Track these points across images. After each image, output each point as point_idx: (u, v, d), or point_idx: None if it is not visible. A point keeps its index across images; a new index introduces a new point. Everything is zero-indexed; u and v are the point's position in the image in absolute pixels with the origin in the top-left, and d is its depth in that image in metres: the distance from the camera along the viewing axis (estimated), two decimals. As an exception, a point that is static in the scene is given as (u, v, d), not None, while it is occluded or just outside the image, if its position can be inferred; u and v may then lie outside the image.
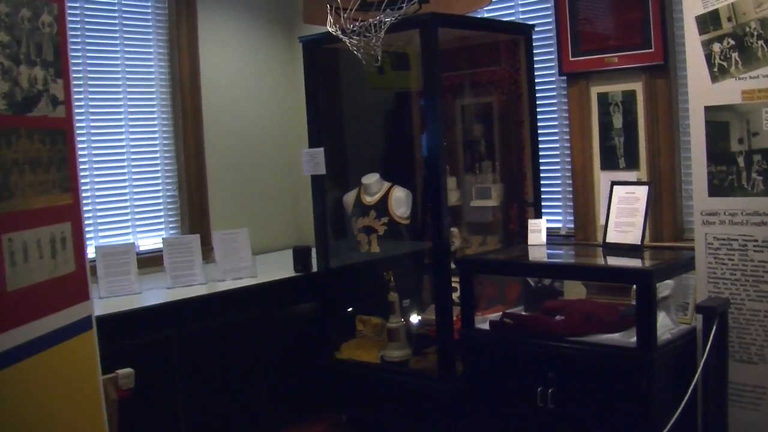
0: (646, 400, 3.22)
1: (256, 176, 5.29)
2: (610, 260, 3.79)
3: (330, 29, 3.76)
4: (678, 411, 3.07)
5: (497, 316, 3.87)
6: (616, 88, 4.16)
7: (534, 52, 4.39)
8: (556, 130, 4.44)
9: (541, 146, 4.42)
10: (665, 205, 4.04)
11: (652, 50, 3.97)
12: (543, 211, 4.42)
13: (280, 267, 4.62)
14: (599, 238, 4.04)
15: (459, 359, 3.94)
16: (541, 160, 4.42)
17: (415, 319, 4.38)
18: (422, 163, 4.54)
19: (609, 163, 4.20)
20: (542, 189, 4.43)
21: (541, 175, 4.43)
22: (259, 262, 4.62)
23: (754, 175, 3.26)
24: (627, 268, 3.63)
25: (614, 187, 3.91)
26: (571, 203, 4.37)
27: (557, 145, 4.44)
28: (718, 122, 3.34)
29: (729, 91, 3.29)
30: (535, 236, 4.11)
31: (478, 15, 4.50)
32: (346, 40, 3.72)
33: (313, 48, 4.42)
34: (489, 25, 4.42)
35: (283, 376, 4.40)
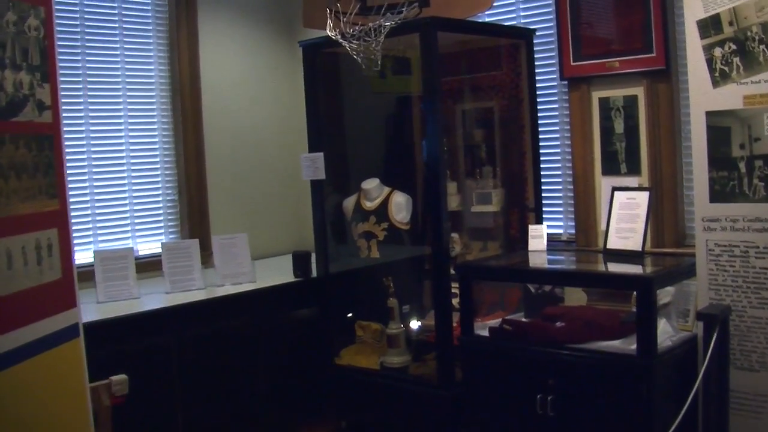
0: (647, 407, 3.19)
1: (257, 181, 5.27)
2: (610, 267, 3.76)
3: (330, 33, 3.74)
4: (678, 418, 3.04)
5: (497, 322, 3.84)
6: (617, 92, 4.12)
7: (535, 56, 4.36)
8: (557, 135, 4.41)
9: (542, 151, 4.39)
10: (667, 211, 4.01)
11: (654, 55, 3.94)
12: (544, 216, 4.39)
13: (279, 272, 4.60)
14: (600, 243, 4.01)
15: (459, 366, 3.91)
16: (542, 165, 4.39)
17: (415, 325, 4.35)
18: (423, 168, 4.51)
19: (610, 168, 4.17)
20: (543, 194, 4.40)
21: (542, 180, 4.39)
22: (259, 267, 4.59)
23: (756, 181, 3.22)
24: (627, 274, 3.60)
25: (615, 192, 3.88)
26: (572, 209, 4.34)
27: (558, 150, 4.41)
28: (719, 127, 3.30)
29: (730, 96, 3.26)
30: (535, 242, 4.08)
31: (479, 19, 4.47)
32: (346, 44, 3.71)
33: (313, 52, 4.39)
34: (489, 29, 4.40)
35: (282, 381, 4.38)
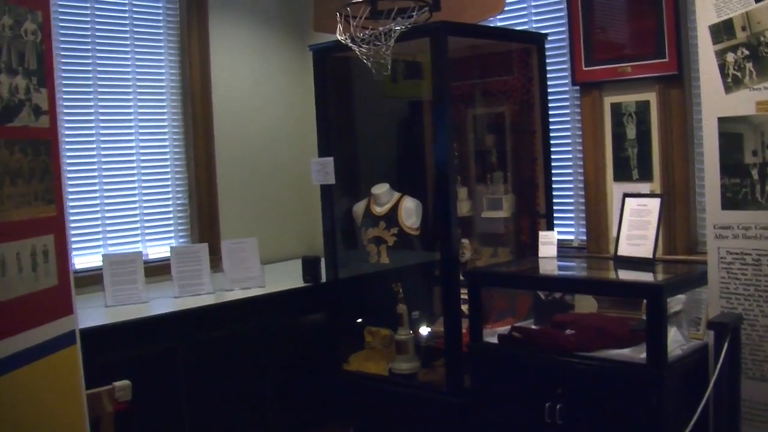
0: (656, 417, 3.15)
1: (267, 185, 5.26)
2: (620, 274, 3.73)
3: (340, 38, 3.72)
4: (689, 428, 3.00)
5: (506, 329, 3.81)
6: (629, 98, 4.09)
7: (547, 61, 4.33)
8: (568, 140, 4.38)
9: (553, 157, 4.36)
10: (679, 218, 3.97)
11: (666, 60, 3.90)
12: (555, 222, 4.35)
13: (289, 277, 4.58)
14: (612, 250, 3.97)
15: (468, 373, 3.88)
16: (553, 171, 4.35)
17: (424, 331, 4.32)
18: (433, 173, 4.49)
19: (622, 174, 4.13)
20: (554, 200, 4.36)
21: (554, 186, 4.36)
22: (268, 271, 4.59)
23: (769, 188, 3.19)
24: (637, 282, 3.56)
25: (626, 199, 3.84)
26: (584, 215, 4.30)
27: (570, 156, 4.38)
28: (731, 134, 3.27)
29: (743, 102, 3.22)
30: (546, 248, 4.04)
31: (491, 23, 4.45)
32: (356, 48, 3.69)
33: (324, 56, 4.38)
34: (501, 34, 4.36)
35: (290, 387, 4.36)
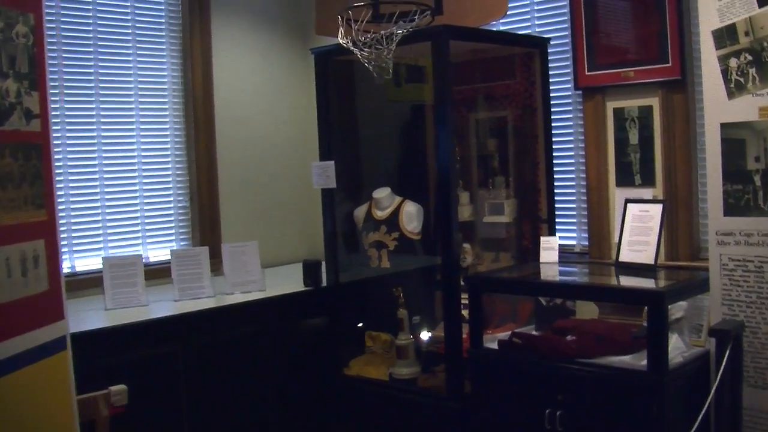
0: (657, 424, 3.12)
1: (269, 188, 5.25)
2: (622, 280, 3.70)
3: (341, 41, 3.71)
4: (689, 437, 2.98)
5: (507, 335, 3.79)
6: (632, 103, 4.07)
7: (549, 65, 4.31)
8: (571, 145, 4.35)
9: (555, 161, 4.33)
10: (681, 223, 3.94)
11: (670, 65, 3.88)
12: (557, 227, 4.33)
13: (289, 281, 4.56)
14: (614, 255, 3.95)
15: (468, 378, 3.86)
16: (555, 176, 4.33)
17: (425, 336, 4.31)
18: (435, 178, 4.47)
19: (624, 179, 4.11)
20: (556, 205, 4.34)
21: (556, 191, 4.33)
22: (270, 275, 4.57)
23: (771, 195, 3.16)
24: (638, 288, 3.53)
25: (628, 205, 3.82)
26: (586, 220, 4.28)
27: (572, 161, 4.35)
28: (734, 140, 3.24)
29: (746, 108, 3.20)
30: (547, 254, 4.02)
31: (494, 27, 4.43)
32: (357, 52, 3.67)
33: (325, 59, 4.37)
34: (503, 38, 4.35)
35: (290, 391, 4.34)
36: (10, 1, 1.79)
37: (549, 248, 4.03)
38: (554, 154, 4.33)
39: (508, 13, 4.19)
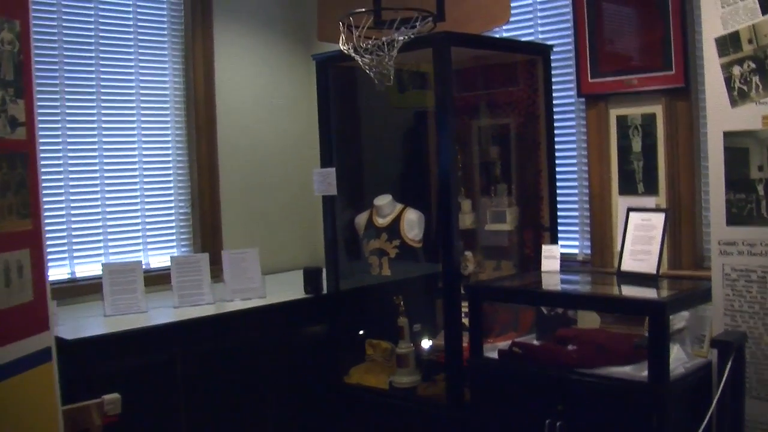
0: (657, 436, 3.09)
1: (270, 194, 5.23)
2: (623, 290, 3.66)
3: (342, 47, 3.69)
4: (689, 449, 2.94)
5: (507, 344, 3.76)
6: (635, 110, 4.03)
7: (552, 72, 4.28)
8: (573, 153, 4.32)
9: (558, 169, 4.29)
10: (684, 232, 3.90)
11: (673, 72, 3.85)
12: (559, 235, 4.29)
13: (290, 288, 4.54)
14: (616, 264, 3.91)
15: (468, 387, 3.83)
16: (558, 184, 4.29)
17: (426, 344, 4.27)
18: (437, 185, 4.44)
19: (627, 187, 4.08)
20: (559, 213, 4.30)
21: (558, 198, 4.30)
22: (270, 282, 4.55)
23: (775, 205, 3.12)
24: (639, 299, 3.49)
25: (630, 213, 3.79)
26: (588, 228, 4.25)
27: (575, 169, 4.33)
28: (737, 148, 3.20)
29: (749, 116, 3.15)
30: (548, 262, 3.99)
31: (496, 33, 4.41)
32: (358, 58, 3.65)
33: (327, 66, 4.35)
34: (505, 44, 4.32)
35: (290, 399, 4.31)
36: (-6, 8, 1.78)
37: (550, 257, 3.99)
38: (557, 161, 4.29)
39: (511, 19, 4.16)
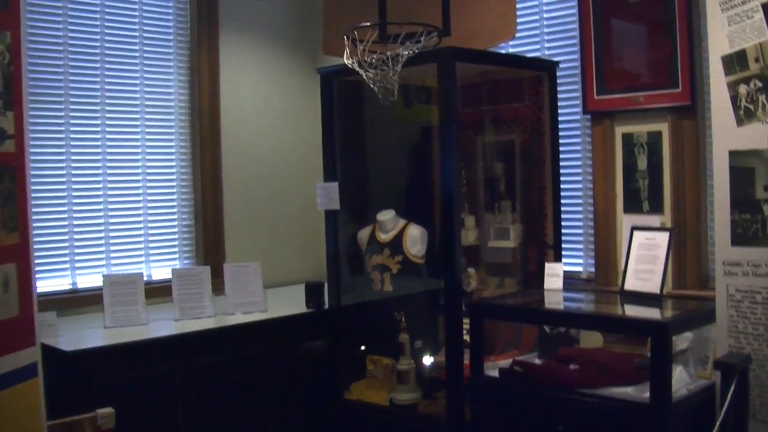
0: (659, 459, 3.04)
1: (274, 208, 5.22)
2: (626, 309, 3.62)
3: (347, 62, 3.67)
4: (691, 473, 2.89)
5: (509, 363, 3.72)
6: (641, 128, 4.00)
7: (558, 89, 4.25)
8: (578, 170, 4.29)
9: (562, 186, 4.26)
10: (689, 252, 3.86)
11: (679, 90, 3.82)
12: (563, 253, 4.25)
13: (292, 302, 4.51)
14: (621, 283, 3.87)
15: (468, 405, 3.79)
16: (562, 201, 4.26)
17: (427, 361, 4.24)
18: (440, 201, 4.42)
19: (632, 206, 4.04)
20: (563, 230, 4.26)
21: (562, 216, 4.27)
22: (272, 296, 4.52)
23: (780, 225, 3.08)
24: (641, 319, 3.44)
25: (634, 232, 3.75)
26: (593, 246, 4.21)
27: (580, 186, 4.29)
28: (743, 168, 3.16)
29: (755, 135, 3.11)
30: (551, 281, 3.95)
31: (502, 49, 4.39)
32: (363, 72, 3.63)
33: (331, 80, 4.34)
34: (510, 60, 4.30)
35: (290, 414, 4.27)
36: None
37: (553, 275, 3.95)
38: (561, 178, 4.27)
39: (517, 35, 4.15)
